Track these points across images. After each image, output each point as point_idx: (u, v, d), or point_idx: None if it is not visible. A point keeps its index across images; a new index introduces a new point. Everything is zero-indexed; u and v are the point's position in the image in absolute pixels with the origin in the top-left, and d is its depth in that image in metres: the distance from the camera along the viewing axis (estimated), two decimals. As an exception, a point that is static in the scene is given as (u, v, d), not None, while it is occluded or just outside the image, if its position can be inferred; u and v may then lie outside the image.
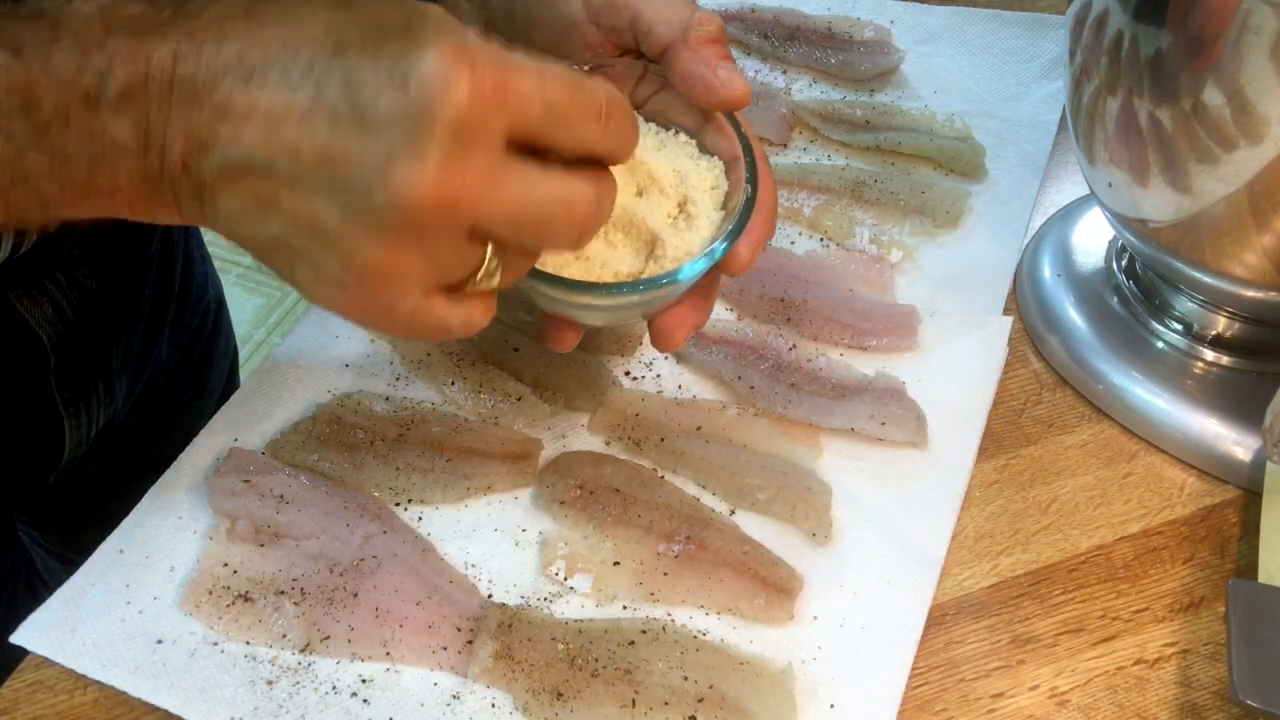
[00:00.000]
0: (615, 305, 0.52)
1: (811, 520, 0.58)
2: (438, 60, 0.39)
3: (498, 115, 0.40)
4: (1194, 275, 0.61)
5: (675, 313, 0.55)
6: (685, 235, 0.52)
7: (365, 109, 0.39)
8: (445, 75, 0.39)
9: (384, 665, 0.53)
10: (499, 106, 0.40)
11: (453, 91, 0.39)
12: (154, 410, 0.81)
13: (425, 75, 0.39)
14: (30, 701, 0.52)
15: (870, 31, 0.85)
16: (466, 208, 0.40)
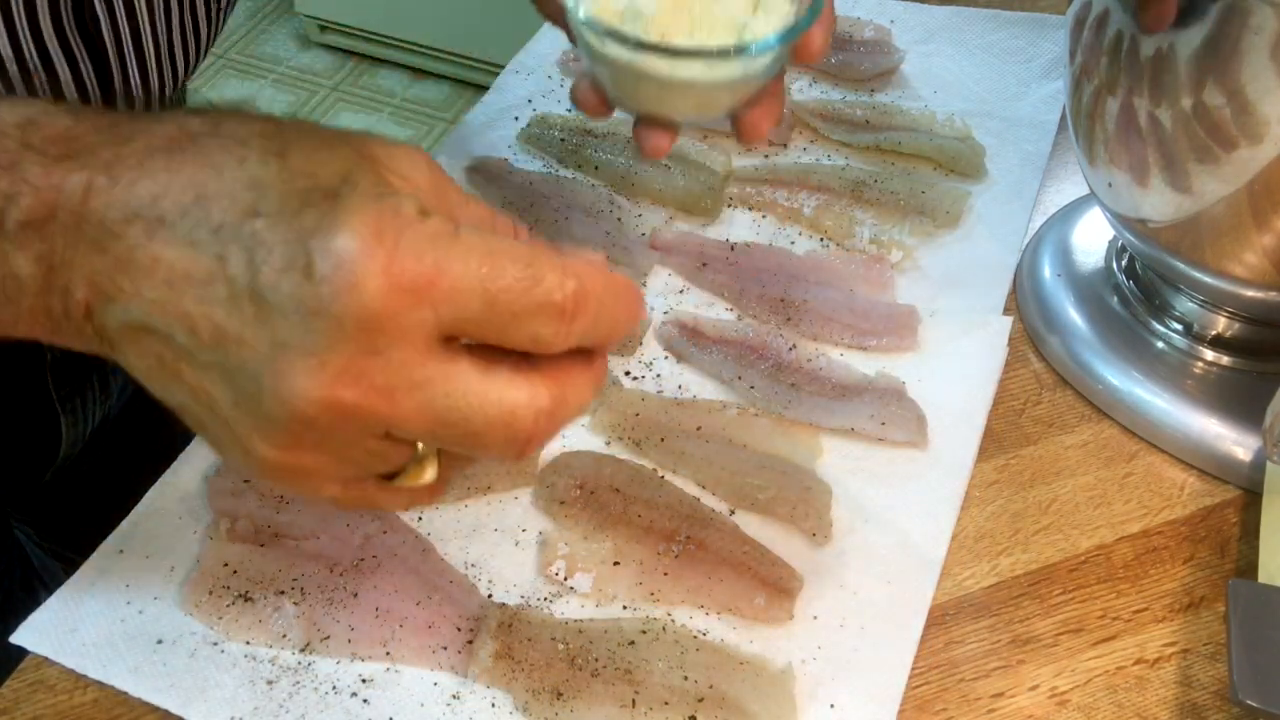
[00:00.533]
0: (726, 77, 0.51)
1: (811, 520, 0.58)
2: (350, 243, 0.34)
3: (418, 312, 0.34)
4: (1194, 275, 0.61)
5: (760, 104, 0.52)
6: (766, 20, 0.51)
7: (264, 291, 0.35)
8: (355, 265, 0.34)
9: (384, 665, 0.53)
10: (421, 303, 0.34)
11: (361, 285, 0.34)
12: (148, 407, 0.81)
13: (333, 262, 0.34)
14: (30, 701, 0.52)
15: (870, 31, 0.85)
16: (370, 416, 0.35)
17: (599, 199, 0.74)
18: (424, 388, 0.35)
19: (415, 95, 2.39)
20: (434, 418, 0.36)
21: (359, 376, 0.34)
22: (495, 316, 0.35)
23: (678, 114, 0.55)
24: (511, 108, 0.81)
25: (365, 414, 0.35)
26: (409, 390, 0.35)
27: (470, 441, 0.37)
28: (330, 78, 2.43)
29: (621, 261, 0.70)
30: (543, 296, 0.36)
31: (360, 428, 0.36)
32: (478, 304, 0.35)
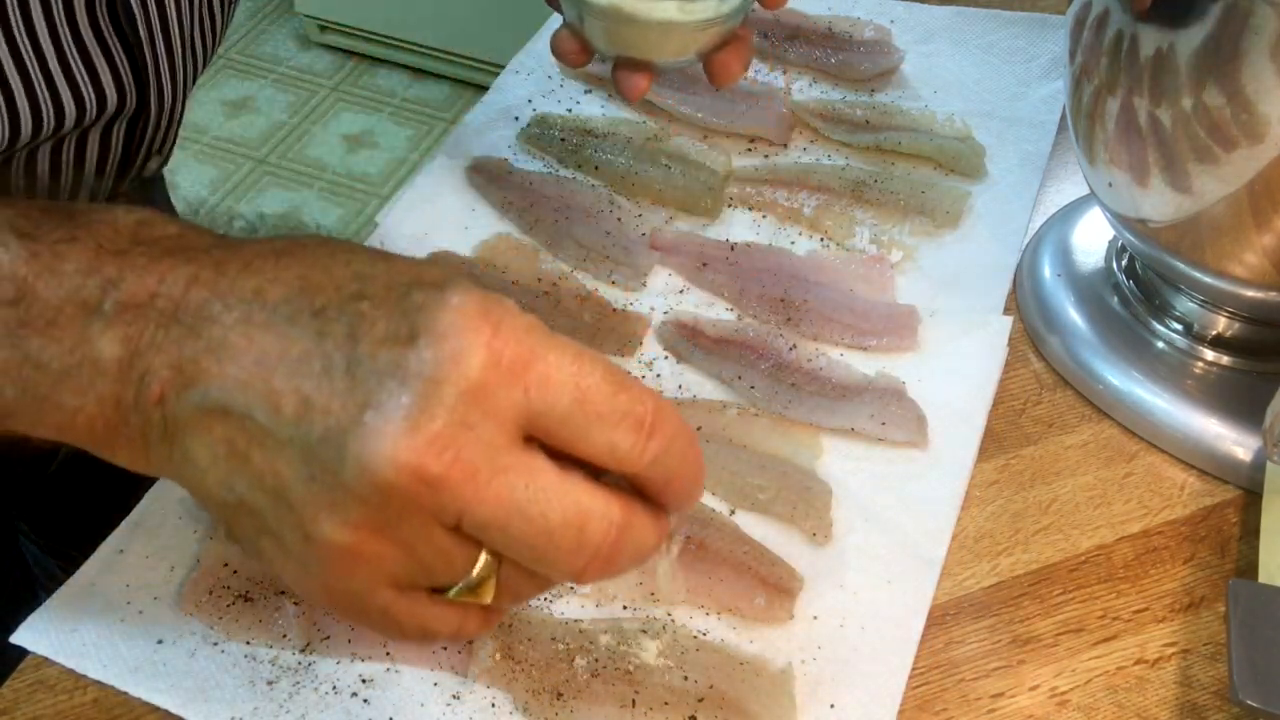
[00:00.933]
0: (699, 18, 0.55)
1: (811, 520, 0.58)
2: (455, 318, 0.34)
3: (513, 393, 0.34)
4: (1194, 275, 0.61)
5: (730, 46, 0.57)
6: None
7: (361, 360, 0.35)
8: (461, 336, 0.34)
9: (384, 665, 0.53)
10: (517, 384, 0.34)
11: (465, 356, 0.34)
12: None
13: (438, 332, 0.34)
14: (30, 701, 0.52)
15: (870, 31, 0.85)
16: (450, 494, 0.34)
17: (599, 199, 0.74)
18: (507, 473, 0.35)
19: (415, 95, 2.39)
20: (513, 507, 0.35)
21: (448, 447, 0.34)
22: (581, 414, 0.35)
23: (654, 55, 0.58)
24: (511, 108, 0.81)
25: (447, 490, 0.34)
26: (493, 473, 0.34)
27: (541, 542, 0.35)
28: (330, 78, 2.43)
29: (621, 261, 0.70)
30: (626, 404, 0.36)
31: (437, 509, 0.35)
32: (567, 398, 0.35)
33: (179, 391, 0.37)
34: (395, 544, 0.36)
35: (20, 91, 0.53)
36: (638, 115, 0.80)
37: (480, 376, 0.34)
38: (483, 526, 0.35)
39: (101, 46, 0.57)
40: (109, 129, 0.61)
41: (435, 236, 0.72)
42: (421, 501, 0.34)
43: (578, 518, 0.35)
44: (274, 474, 0.36)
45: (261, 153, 2.27)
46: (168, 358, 0.37)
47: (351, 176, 2.23)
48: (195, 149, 2.25)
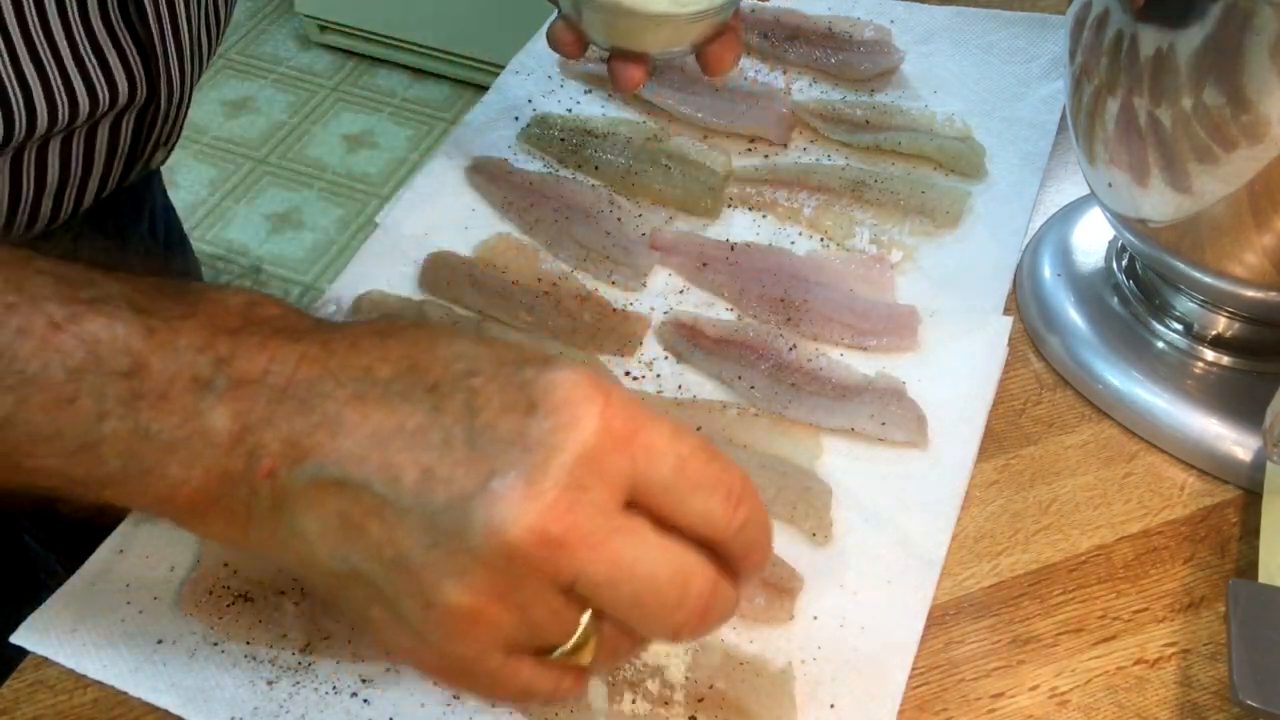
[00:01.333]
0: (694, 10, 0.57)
1: (811, 520, 0.58)
2: (571, 390, 0.37)
3: (623, 461, 0.37)
4: (1194, 275, 0.61)
5: (721, 39, 0.60)
6: None
7: (481, 431, 0.36)
8: (576, 406, 0.36)
9: (384, 665, 0.53)
10: (625, 452, 0.37)
11: (581, 424, 0.36)
12: None
13: (555, 403, 0.36)
14: (30, 701, 0.52)
15: (870, 31, 0.85)
16: (569, 555, 0.36)
17: (599, 199, 0.74)
18: (618, 535, 0.36)
19: (415, 95, 2.39)
20: (624, 566, 0.36)
21: (568, 510, 0.36)
22: (681, 482, 0.37)
23: (649, 47, 0.60)
24: (511, 108, 0.81)
25: (566, 552, 0.36)
26: (606, 535, 0.36)
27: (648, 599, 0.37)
28: (330, 78, 2.43)
29: (622, 262, 0.70)
30: (719, 474, 0.38)
31: (554, 571, 0.36)
32: (669, 466, 0.37)
33: (291, 466, 0.38)
34: (513, 608, 0.37)
35: (36, 84, 0.54)
36: (638, 115, 0.80)
37: (596, 443, 0.36)
38: (596, 586, 0.37)
39: (113, 40, 0.58)
40: (119, 121, 0.62)
41: (435, 236, 0.72)
42: (542, 564, 0.36)
43: (681, 575, 0.37)
44: (393, 544, 0.37)
45: (261, 153, 2.27)
46: (279, 433, 0.38)
47: (351, 176, 2.23)
48: (195, 149, 2.25)
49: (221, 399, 0.39)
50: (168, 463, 0.39)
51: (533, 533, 0.35)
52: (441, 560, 0.36)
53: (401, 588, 0.37)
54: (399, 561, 0.37)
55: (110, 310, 0.39)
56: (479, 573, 0.36)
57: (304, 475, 0.38)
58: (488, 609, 0.37)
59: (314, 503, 0.38)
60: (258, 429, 0.38)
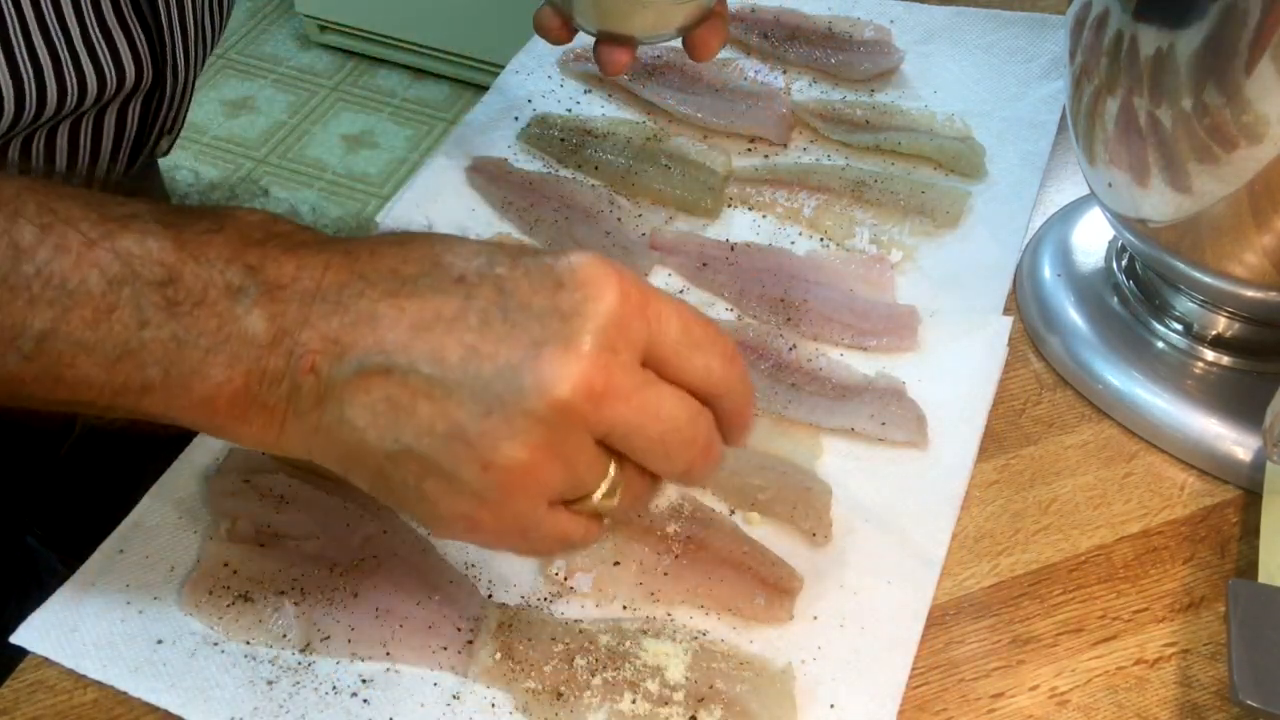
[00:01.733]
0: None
1: (811, 520, 0.58)
2: (589, 268, 0.41)
3: (640, 325, 0.41)
4: (1194, 275, 0.61)
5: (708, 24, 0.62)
6: None
7: (516, 308, 0.41)
8: (597, 281, 0.41)
9: (384, 665, 0.53)
10: (642, 317, 0.41)
11: (604, 295, 0.41)
12: None
13: (579, 279, 0.41)
14: (30, 701, 0.52)
15: (870, 31, 0.85)
16: (608, 407, 0.40)
17: (599, 199, 0.74)
18: (644, 387, 0.41)
19: (415, 95, 2.39)
20: (651, 413, 0.41)
21: (605, 367, 0.40)
22: (686, 341, 0.42)
23: (635, 31, 0.61)
24: (511, 108, 0.81)
25: (606, 404, 0.40)
26: (635, 387, 0.41)
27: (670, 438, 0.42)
28: (330, 78, 2.43)
29: (621, 261, 0.70)
30: (715, 335, 0.43)
31: (594, 422, 0.41)
32: (675, 328, 0.42)
33: (333, 360, 0.41)
34: (560, 460, 0.41)
35: (48, 65, 0.55)
36: (638, 115, 0.80)
37: (619, 310, 0.41)
38: (628, 432, 0.41)
39: (121, 24, 0.58)
40: (125, 106, 0.62)
41: (435, 236, 0.72)
42: (585, 416, 0.40)
43: (693, 419, 0.43)
44: (445, 417, 0.40)
45: (261, 153, 2.27)
46: (317, 331, 0.41)
47: (351, 176, 2.23)
48: (195, 149, 2.25)
49: (255, 304, 0.41)
50: (208, 366, 0.41)
51: (578, 389, 0.40)
52: (498, 424, 0.40)
53: (459, 455, 0.40)
54: (454, 432, 0.40)
55: (141, 227, 0.42)
56: (533, 430, 0.40)
57: (348, 367, 0.41)
58: (540, 462, 0.41)
59: (360, 392, 0.41)
60: (295, 330, 0.41)
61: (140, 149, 0.67)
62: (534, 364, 0.40)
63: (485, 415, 0.40)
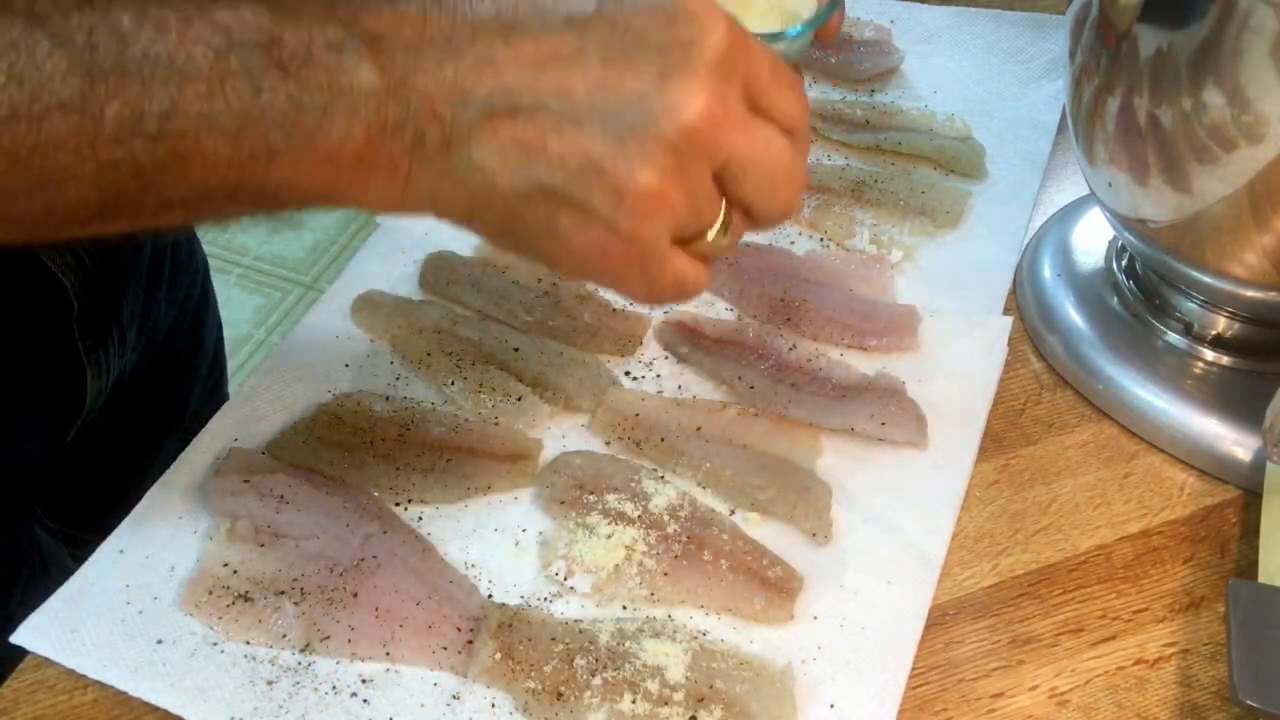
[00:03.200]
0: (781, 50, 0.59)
1: (811, 520, 0.58)
2: (698, 3, 0.42)
3: (743, 61, 0.42)
4: (1194, 275, 0.61)
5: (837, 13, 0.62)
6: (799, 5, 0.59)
7: (634, 43, 0.41)
8: (705, 14, 0.42)
9: (384, 665, 0.53)
10: (745, 50, 0.43)
11: (716, 27, 0.42)
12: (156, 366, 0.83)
13: (691, 12, 0.42)
14: (30, 701, 0.52)
15: (870, 31, 0.85)
16: (727, 134, 0.42)
17: (599, 199, 0.73)
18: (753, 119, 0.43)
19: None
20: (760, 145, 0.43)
21: (723, 96, 0.42)
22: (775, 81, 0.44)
23: None
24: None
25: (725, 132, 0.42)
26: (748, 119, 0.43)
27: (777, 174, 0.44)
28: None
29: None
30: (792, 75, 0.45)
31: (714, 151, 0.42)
32: (766, 68, 0.43)
33: (456, 106, 0.41)
34: (685, 189, 0.42)
35: None
36: None
37: (730, 41, 0.42)
38: (742, 163, 0.43)
39: None
40: None
41: (435, 236, 0.72)
42: (709, 142, 0.42)
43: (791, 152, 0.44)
44: (577, 150, 0.41)
45: (261, 153, 2.27)
46: (432, 78, 0.41)
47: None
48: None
49: (362, 56, 0.41)
50: (328, 122, 0.41)
51: (703, 114, 0.41)
52: (632, 151, 0.41)
53: (593, 185, 0.41)
54: (587, 163, 0.41)
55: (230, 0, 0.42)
56: (665, 156, 0.41)
57: (473, 111, 0.41)
58: (669, 189, 0.42)
59: (488, 134, 0.41)
60: (409, 78, 0.41)
61: None
62: (661, 91, 0.41)
63: (618, 144, 0.41)
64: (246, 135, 0.41)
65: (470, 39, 0.42)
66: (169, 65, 0.40)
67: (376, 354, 0.66)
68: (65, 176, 0.40)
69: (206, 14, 0.41)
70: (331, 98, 0.41)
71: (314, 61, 0.41)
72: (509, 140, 0.41)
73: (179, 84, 0.40)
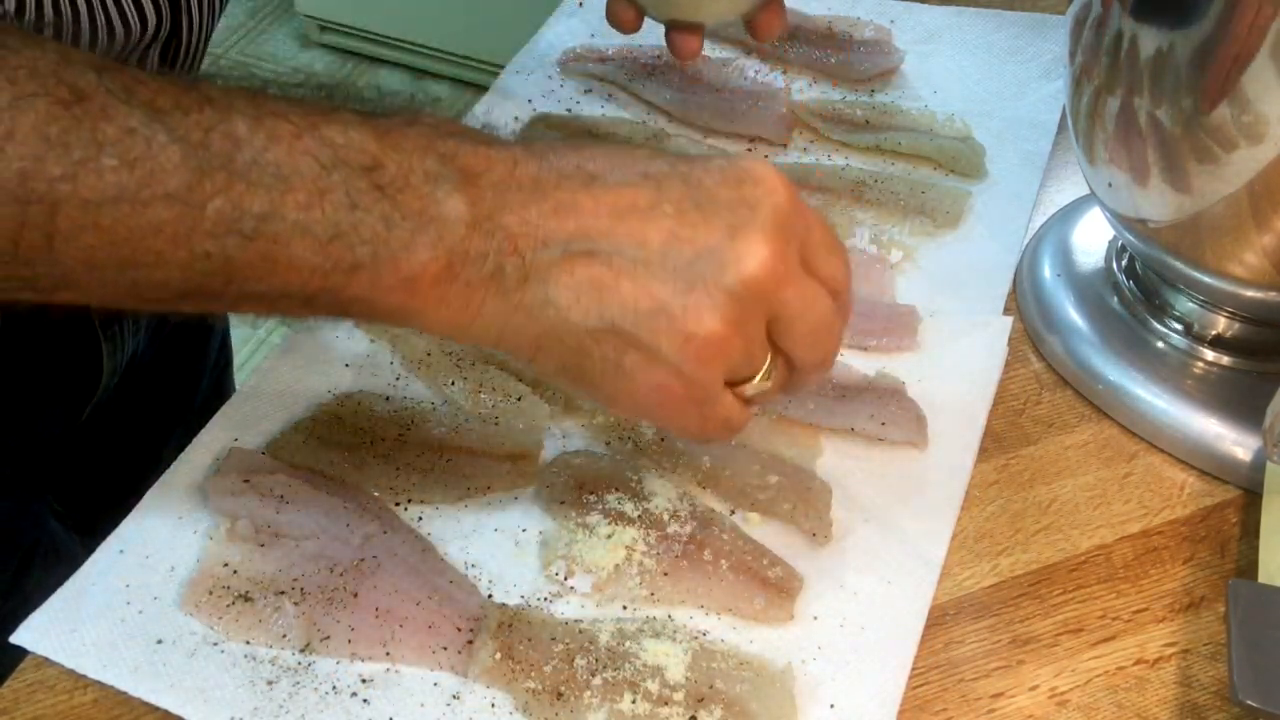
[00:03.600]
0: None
1: (811, 520, 0.58)
2: (759, 168, 0.46)
3: (800, 222, 0.46)
4: (1194, 275, 0.61)
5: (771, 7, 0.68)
6: None
7: (707, 201, 0.45)
8: (768, 179, 0.46)
9: (384, 665, 0.53)
10: (801, 215, 0.47)
11: (778, 190, 0.46)
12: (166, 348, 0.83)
13: (755, 177, 0.46)
14: (30, 701, 0.52)
15: (870, 31, 0.85)
16: (783, 290, 0.45)
17: (599, 199, 0.73)
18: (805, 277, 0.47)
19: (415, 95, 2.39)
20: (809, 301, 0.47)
21: (783, 253, 0.45)
22: (824, 242, 0.48)
23: (705, 18, 0.66)
24: (511, 108, 0.81)
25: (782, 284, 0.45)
26: (801, 276, 0.46)
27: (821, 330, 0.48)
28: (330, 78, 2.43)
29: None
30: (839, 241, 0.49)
31: (771, 303, 0.46)
32: (819, 231, 0.47)
33: (537, 244, 0.44)
34: (743, 336, 0.46)
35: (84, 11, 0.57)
36: (638, 115, 0.80)
37: (789, 205, 0.46)
38: (792, 317, 0.46)
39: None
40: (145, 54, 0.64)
41: (435, 236, 0.72)
42: (768, 296, 0.45)
43: (834, 310, 0.48)
44: (649, 295, 0.44)
45: (261, 153, 2.27)
46: (517, 216, 0.44)
47: (351, 176, 2.23)
48: (195, 149, 2.25)
49: (455, 189, 0.44)
50: (415, 245, 0.44)
51: (766, 268, 0.45)
52: (700, 299, 0.44)
53: (661, 329, 0.45)
54: (657, 308, 0.44)
55: (343, 119, 0.45)
56: (729, 305, 0.45)
57: (553, 251, 0.44)
58: (730, 336, 0.45)
59: (565, 273, 0.44)
60: (495, 214, 0.44)
61: None
62: (731, 245, 0.44)
63: (689, 291, 0.44)
64: (335, 246, 0.43)
65: (555, 185, 0.45)
66: (275, 172, 0.43)
67: (376, 354, 0.66)
68: (157, 261, 0.42)
69: (318, 130, 0.44)
70: (421, 223, 0.44)
71: (410, 188, 0.44)
72: (585, 280, 0.44)
73: (282, 191, 0.43)
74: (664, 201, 0.45)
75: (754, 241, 0.45)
